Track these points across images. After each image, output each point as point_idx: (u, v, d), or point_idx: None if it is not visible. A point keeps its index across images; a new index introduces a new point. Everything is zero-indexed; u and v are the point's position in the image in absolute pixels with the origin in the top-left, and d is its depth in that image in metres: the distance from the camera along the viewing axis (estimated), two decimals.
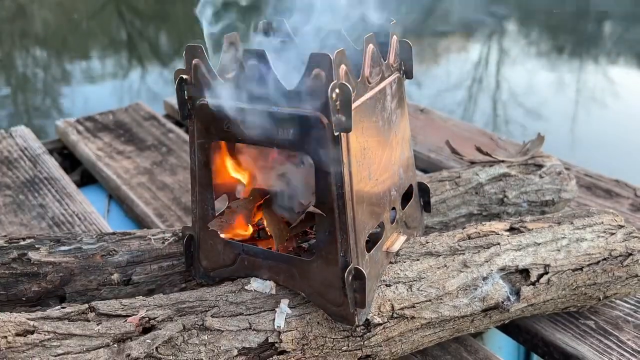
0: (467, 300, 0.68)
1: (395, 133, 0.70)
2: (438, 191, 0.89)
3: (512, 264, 0.70)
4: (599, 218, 0.77)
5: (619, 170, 1.31)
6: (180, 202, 1.14)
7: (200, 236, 0.69)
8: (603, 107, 3.16)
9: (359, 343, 0.64)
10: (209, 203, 0.67)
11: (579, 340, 0.77)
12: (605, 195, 1.13)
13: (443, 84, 3.62)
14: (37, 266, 0.69)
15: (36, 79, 3.78)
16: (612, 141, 2.65)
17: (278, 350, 0.62)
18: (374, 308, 0.64)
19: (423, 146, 1.38)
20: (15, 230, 1.03)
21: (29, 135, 1.42)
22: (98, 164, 1.30)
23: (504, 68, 3.95)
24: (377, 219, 0.66)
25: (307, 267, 0.62)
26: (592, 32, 4.68)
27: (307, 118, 0.57)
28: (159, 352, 0.57)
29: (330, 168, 0.57)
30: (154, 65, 4.15)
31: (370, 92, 0.63)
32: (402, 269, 0.67)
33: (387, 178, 0.68)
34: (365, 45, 0.61)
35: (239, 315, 0.62)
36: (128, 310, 0.60)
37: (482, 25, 4.52)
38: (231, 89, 0.60)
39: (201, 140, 0.65)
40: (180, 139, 1.41)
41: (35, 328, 0.56)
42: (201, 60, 0.61)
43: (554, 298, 0.73)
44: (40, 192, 1.16)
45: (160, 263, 0.73)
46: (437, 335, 0.69)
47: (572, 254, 0.73)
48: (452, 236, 0.73)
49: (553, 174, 0.94)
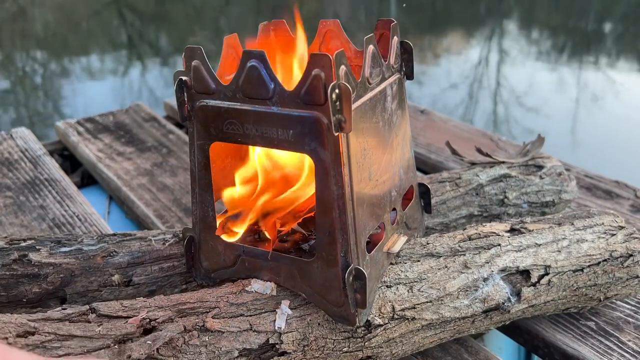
0: (467, 302, 0.68)
1: (395, 134, 0.70)
2: (438, 192, 0.89)
3: (512, 265, 0.70)
4: (599, 219, 0.77)
5: (619, 171, 1.31)
6: (181, 203, 1.14)
7: (201, 237, 0.69)
8: (603, 108, 3.16)
9: (360, 344, 0.64)
10: (209, 204, 0.67)
11: (579, 341, 0.77)
12: (606, 196, 1.13)
13: (442, 84, 3.62)
14: (38, 267, 0.69)
15: (36, 80, 3.79)
16: (612, 142, 2.65)
17: (279, 351, 0.62)
18: (375, 309, 0.64)
19: (423, 147, 1.38)
20: (15, 232, 1.03)
21: (29, 136, 1.42)
22: (98, 165, 1.30)
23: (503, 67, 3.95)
24: (377, 219, 0.66)
25: (308, 268, 0.62)
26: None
27: (306, 118, 0.57)
28: (160, 353, 0.57)
29: (330, 168, 0.57)
30: (154, 66, 4.16)
31: (370, 93, 0.63)
32: (402, 270, 0.67)
33: (388, 179, 0.68)
34: (366, 46, 0.61)
35: (240, 316, 0.62)
36: (129, 311, 0.60)
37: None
38: (231, 90, 0.61)
39: (201, 141, 0.65)
40: (181, 140, 1.41)
41: (36, 329, 0.56)
42: (200, 62, 0.61)
43: (555, 299, 0.73)
44: (40, 193, 1.16)
45: (160, 264, 0.73)
46: (438, 337, 0.69)
47: (573, 255, 0.73)
48: (452, 237, 0.73)
49: (553, 175, 0.94)
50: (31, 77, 3.85)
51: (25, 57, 4.24)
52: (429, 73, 3.79)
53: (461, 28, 5.06)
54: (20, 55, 4.25)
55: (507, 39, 4.77)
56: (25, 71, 3.96)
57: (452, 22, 5.17)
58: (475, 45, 4.57)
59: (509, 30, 5.08)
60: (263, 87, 0.58)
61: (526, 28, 5.08)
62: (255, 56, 0.58)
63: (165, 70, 3.95)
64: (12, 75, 3.84)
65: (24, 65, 4.08)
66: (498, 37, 4.82)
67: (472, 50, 4.41)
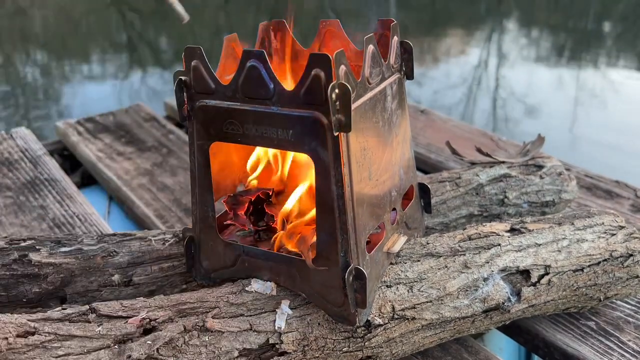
0: (467, 301, 0.68)
1: (395, 134, 0.70)
2: (438, 192, 0.89)
3: (512, 265, 0.70)
4: (599, 219, 0.77)
5: (620, 170, 1.31)
6: (181, 203, 1.14)
7: (201, 237, 0.69)
8: (603, 107, 3.16)
9: (360, 344, 0.64)
10: (209, 204, 0.67)
11: (579, 341, 0.77)
12: (606, 196, 1.13)
13: (442, 84, 3.62)
14: (38, 267, 0.69)
15: (36, 80, 3.79)
16: (612, 142, 2.65)
17: (279, 351, 0.62)
18: (375, 309, 0.64)
19: (423, 147, 1.38)
20: (15, 232, 1.03)
21: (29, 136, 1.42)
22: (98, 165, 1.30)
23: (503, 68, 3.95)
24: (377, 219, 0.66)
25: (308, 267, 0.62)
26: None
27: (306, 118, 0.57)
28: (160, 353, 0.57)
29: (330, 168, 0.57)
30: (154, 65, 4.16)
31: (370, 93, 0.63)
32: (402, 270, 0.67)
33: (388, 179, 0.68)
34: (366, 46, 0.61)
35: (240, 316, 0.62)
36: (129, 311, 0.60)
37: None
38: (230, 90, 0.60)
39: (201, 141, 0.65)
40: (181, 140, 1.41)
41: (36, 329, 0.56)
42: (200, 62, 0.61)
43: (555, 299, 0.73)
44: (40, 193, 1.16)
45: (160, 264, 0.73)
46: (438, 336, 0.69)
47: (573, 255, 0.73)
48: (452, 237, 0.73)
49: (553, 175, 0.94)
50: (31, 77, 3.85)
51: (25, 57, 4.24)
52: (428, 74, 3.79)
53: (461, 28, 5.06)
54: (20, 56, 4.25)
55: (506, 39, 4.77)
56: (26, 71, 3.96)
57: (451, 22, 5.17)
58: (475, 45, 4.57)
59: (509, 30, 5.08)
60: (263, 87, 0.58)
61: (526, 28, 5.08)
62: (255, 56, 0.58)
63: (166, 69, 3.95)
64: (12, 75, 3.84)
65: (24, 65, 4.08)
66: (498, 36, 4.82)
67: (471, 51, 4.41)
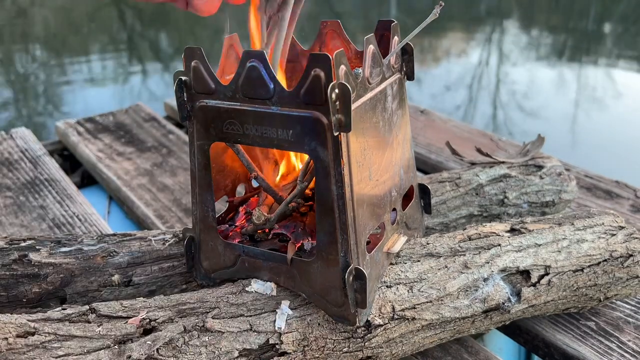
0: (467, 302, 0.68)
1: (396, 134, 0.70)
2: (438, 192, 0.89)
3: (512, 265, 0.70)
4: (599, 219, 0.77)
5: (619, 171, 1.31)
6: (181, 203, 1.14)
7: (201, 238, 0.69)
8: (603, 108, 3.16)
9: (360, 344, 0.64)
10: (209, 205, 0.67)
11: (579, 342, 0.77)
12: (606, 196, 1.13)
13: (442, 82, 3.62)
14: (38, 267, 0.69)
15: (37, 80, 3.79)
16: (612, 142, 2.65)
17: (279, 351, 0.62)
18: (375, 309, 0.64)
19: (423, 147, 1.38)
20: (15, 232, 1.03)
21: (29, 136, 1.42)
22: (98, 165, 1.30)
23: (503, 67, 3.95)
24: (377, 219, 0.66)
25: (308, 268, 0.62)
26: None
27: (306, 118, 0.57)
28: (160, 353, 0.57)
29: (330, 168, 0.57)
30: (154, 66, 4.16)
31: (370, 93, 0.63)
32: (402, 270, 0.67)
33: (388, 179, 0.68)
34: (366, 46, 0.61)
35: (240, 316, 0.62)
36: (129, 311, 0.60)
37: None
38: (230, 90, 0.60)
39: (201, 141, 0.65)
40: (181, 141, 1.41)
41: (35, 329, 0.56)
42: (200, 62, 0.61)
43: (555, 299, 0.73)
44: (40, 193, 1.16)
45: (160, 264, 0.73)
46: (438, 337, 0.69)
47: (573, 255, 0.73)
48: (452, 237, 0.73)
49: (553, 175, 0.94)
50: (31, 77, 3.85)
51: (25, 57, 4.24)
52: (428, 74, 3.79)
53: (460, 28, 5.06)
54: (20, 56, 4.25)
55: (506, 39, 4.77)
56: (25, 71, 3.96)
57: (451, 22, 5.17)
58: (475, 45, 4.57)
59: (509, 30, 5.08)
60: (263, 87, 0.58)
61: (526, 28, 5.08)
62: (255, 56, 0.58)
63: (166, 70, 3.95)
64: (12, 75, 3.84)
65: (24, 65, 4.08)
66: (498, 36, 4.82)
67: (471, 51, 4.41)
